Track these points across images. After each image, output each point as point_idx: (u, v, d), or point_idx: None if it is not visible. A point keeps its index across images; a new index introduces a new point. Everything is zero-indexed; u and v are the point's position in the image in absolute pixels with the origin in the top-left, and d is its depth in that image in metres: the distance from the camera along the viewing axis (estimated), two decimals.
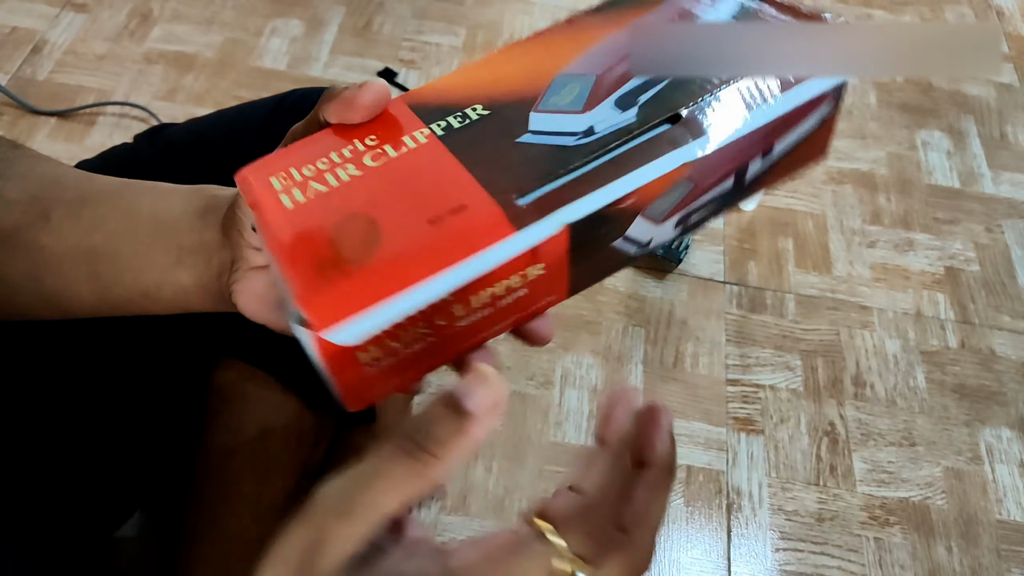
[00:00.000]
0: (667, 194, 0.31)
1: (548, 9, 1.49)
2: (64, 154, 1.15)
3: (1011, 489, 1.00)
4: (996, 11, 1.62)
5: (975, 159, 1.36)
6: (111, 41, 1.32)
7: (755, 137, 0.32)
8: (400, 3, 1.45)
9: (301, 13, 1.41)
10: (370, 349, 0.27)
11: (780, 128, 0.33)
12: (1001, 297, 1.18)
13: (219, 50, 1.33)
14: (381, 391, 0.30)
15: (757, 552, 0.93)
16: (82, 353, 0.55)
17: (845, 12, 1.58)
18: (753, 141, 0.32)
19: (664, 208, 0.31)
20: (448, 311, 0.28)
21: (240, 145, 0.66)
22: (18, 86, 1.23)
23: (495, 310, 0.30)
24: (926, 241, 1.23)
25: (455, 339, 0.30)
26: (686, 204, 0.32)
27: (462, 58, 1.38)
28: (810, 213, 1.25)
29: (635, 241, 0.32)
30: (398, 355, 0.28)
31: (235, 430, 0.63)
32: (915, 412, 1.05)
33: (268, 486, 0.64)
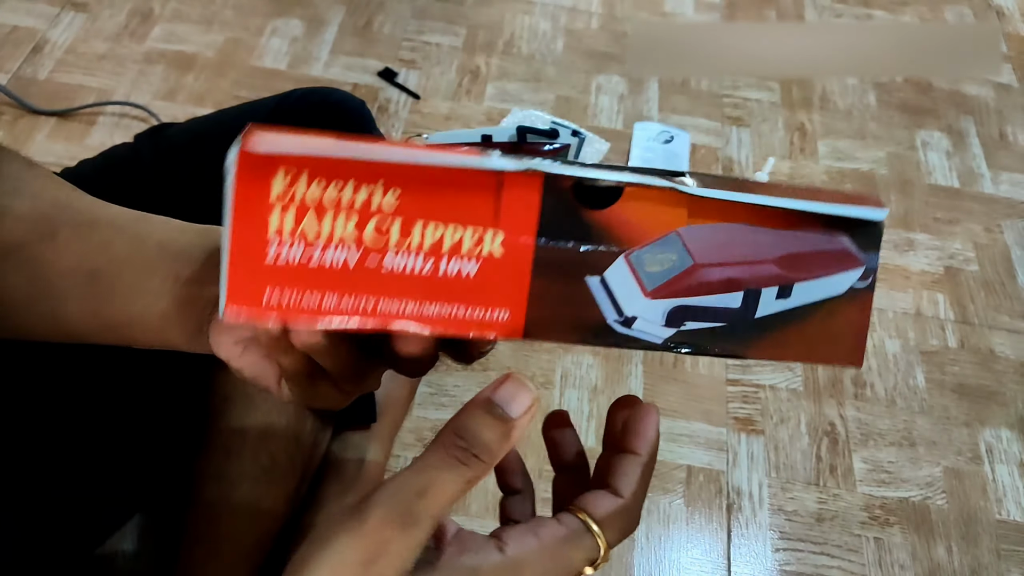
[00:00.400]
0: (658, 248, 0.28)
1: (548, 9, 1.49)
2: (64, 154, 1.15)
3: (1011, 489, 1.00)
4: (996, 11, 1.62)
5: (975, 159, 1.36)
6: (111, 41, 1.32)
7: (768, 242, 0.29)
8: (400, 3, 1.45)
9: (301, 13, 1.41)
10: (286, 216, 0.25)
11: (801, 262, 0.30)
12: (1001, 297, 1.18)
13: (219, 50, 1.33)
14: (273, 301, 0.26)
15: (757, 552, 0.93)
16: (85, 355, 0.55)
17: (845, 12, 1.59)
18: (767, 245, 0.29)
19: (654, 273, 0.29)
20: (384, 226, 0.26)
21: None
22: (18, 86, 1.23)
23: (433, 276, 0.27)
24: (926, 241, 1.24)
25: (377, 286, 0.26)
26: (682, 289, 0.29)
27: (462, 58, 1.38)
28: None
29: (614, 299, 0.28)
30: (310, 254, 0.26)
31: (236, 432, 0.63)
32: (915, 412, 1.05)
33: (269, 487, 0.64)
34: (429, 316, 0.27)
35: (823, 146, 1.34)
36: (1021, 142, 1.39)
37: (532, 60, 1.40)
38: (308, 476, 0.71)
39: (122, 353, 0.57)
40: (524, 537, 0.29)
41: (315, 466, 0.73)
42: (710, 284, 0.29)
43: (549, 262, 0.27)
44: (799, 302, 0.30)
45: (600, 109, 1.34)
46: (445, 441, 0.26)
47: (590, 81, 1.38)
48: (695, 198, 0.28)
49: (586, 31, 1.47)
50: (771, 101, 1.40)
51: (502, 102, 1.32)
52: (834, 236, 0.30)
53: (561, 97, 1.35)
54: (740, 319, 0.30)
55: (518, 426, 0.26)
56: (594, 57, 1.42)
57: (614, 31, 1.47)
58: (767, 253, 0.29)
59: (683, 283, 0.29)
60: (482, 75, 1.36)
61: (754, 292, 0.30)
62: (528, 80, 1.36)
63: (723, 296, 0.29)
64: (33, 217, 0.39)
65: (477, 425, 0.26)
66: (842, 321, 0.31)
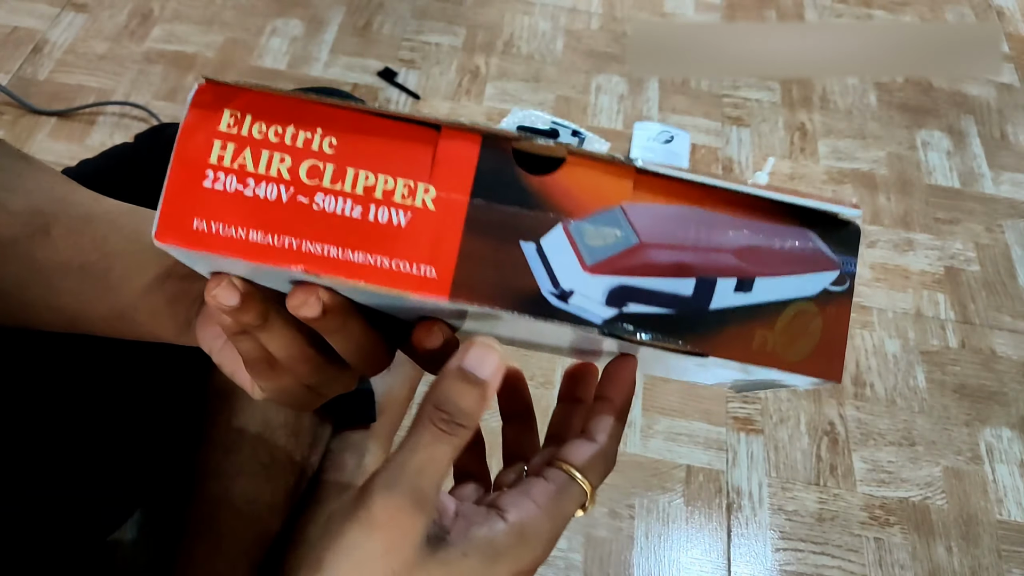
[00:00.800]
0: (600, 221, 0.27)
1: (548, 9, 1.49)
2: (64, 154, 1.15)
3: (1011, 489, 1.00)
4: (996, 11, 1.62)
5: (975, 159, 1.36)
6: (111, 41, 1.32)
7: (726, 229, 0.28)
8: (400, 3, 1.45)
9: (301, 13, 1.41)
10: (226, 148, 0.27)
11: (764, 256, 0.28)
12: (1001, 297, 1.18)
13: (219, 50, 1.33)
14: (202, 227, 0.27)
15: (757, 552, 0.93)
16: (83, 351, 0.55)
17: (845, 12, 1.59)
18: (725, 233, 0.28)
19: (595, 247, 0.27)
20: (318, 168, 0.27)
21: None
22: (19, 86, 1.23)
23: (361, 221, 0.27)
24: (926, 241, 1.23)
25: (304, 227, 0.27)
26: (625, 267, 0.27)
27: (462, 58, 1.38)
28: None
29: (550, 269, 0.27)
30: (244, 185, 0.27)
31: (235, 429, 0.63)
32: (915, 412, 1.05)
33: (267, 485, 0.64)
34: (352, 263, 0.27)
35: (823, 146, 1.34)
36: (1022, 142, 1.39)
37: (532, 60, 1.40)
38: (307, 473, 0.71)
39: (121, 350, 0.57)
40: (520, 501, 0.30)
41: (315, 463, 0.73)
42: (657, 266, 0.28)
43: (482, 222, 0.27)
44: (762, 299, 0.28)
45: (600, 109, 1.34)
46: (429, 416, 0.27)
47: (590, 81, 1.38)
48: (642, 173, 0.27)
49: (586, 31, 1.47)
50: (771, 101, 1.40)
51: (502, 102, 1.32)
52: (804, 233, 0.28)
53: (561, 97, 1.35)
54: (692, 308, 0.28)
55: (491, 386, 0.28)
56: (594, 57, 1.42)
57: (614, 31, 1.48)
58: (725, 241, 0.28)
59: (626, 261, 0.28)
60: (482, 75, 1.36)
61: (708, 280, 0.28)
62: (528, 80, 1.36)
63: (672, 280, 0.28)
64: (27, 212, 0.39)
65: (456, 394, 0.27)
66: (814, 326, 0.29)
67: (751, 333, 0.28)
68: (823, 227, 0.28)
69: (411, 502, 0.27)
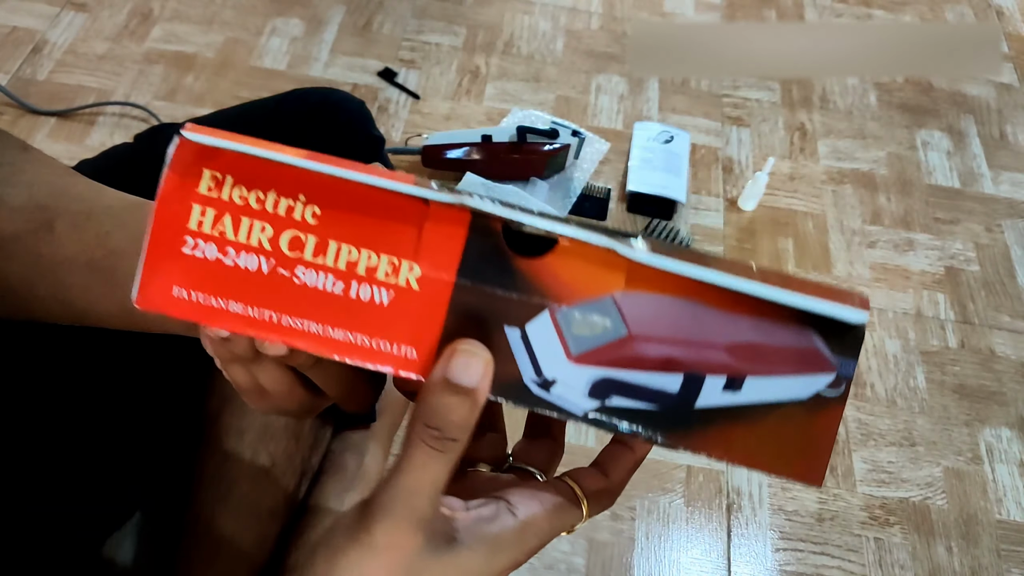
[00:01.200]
0: (590, 310, 0.26)
1: (548, 9, 1.49)
2: (64, 154, 1.15)
3: (1011, 489, 1.00)
4: (996, 11, 1.62)
5: (975, 159, 1.36)
6: (111, 41, 1.32)
7: (720, 325, 0.26)
8: (400, 2, 1.45)
9: (301, 13, 1.41)
10: (206, 213, 0.26)
11: (758, 354, 0.26)
12: (1001, 297, 1.18)
13: (219, 50, 1.33)
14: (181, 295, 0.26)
15: (757, 552, 0.93)
16: (83, 353, 0.55)
17: (845, 12, 1.59)
18: (718, 329, 0.26)
19: (582, 336, 0.26)
20: (300, 239, 0.26)
21: None
22: (18, 86, 1.23)
23: (343, 299, 0.26)
24: (926, 241, 1.23)
25: (284, 300, 0.26)
26: (611, 359, 0.26)
27: (462, 58, 1.38)
28: (810, 213, 1.25)
29: (533, 357, 0.26)
30: (224, 254, 0.26)
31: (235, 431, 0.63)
32: (915, 412, 1.05)
33: (267, 487, 0.64)
34: (332, 340, 0.26)
35: (823, 146, 1.34)
36: (1022, 142, 1.39)
37: (532, 60, 1.40)
38: (308, 476, 0.71)
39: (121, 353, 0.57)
40: (530, 501, 0.31)
41: (315, 466, 0.73)
42: (645, 360, 0.26)
43: (467, 304, 0.26)
44: (750, 399, 0.27)
45: (600, 109, 1.34)
46: (419, 435, 0.26)
47: (590, 81, 1.38)
48: (637, 264, 0.26)
49: (586, 31, 1.47)
50: (771, 101, 1.40)
51: (502, 102, 1.32)
52: (803, 332, 0.26)
53: (561, 97, 1.35)
54: (676, 405, 0.27)
55: (481, 392, 0.26)
56: (594, 57, 1.42)
57: (614, 31, 1.47)
58: (717, 337, 0.26)
59: (613, 353, 0.26)
60: (482, 75, 1.36)
61: (696, 377, 0.26)
62: (528, 80, 1.36)
63: (659, 376, 0.26)
64: (29, 207, 0.39)
65: (443, 408, 0.26)
66: (802, 431, 0.27)
67: (733, 434, 0.27)
68: (824, 326, 0.26)
69: (409, 523, 0.27)
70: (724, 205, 1.24)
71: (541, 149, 1.17)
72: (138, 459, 0.61)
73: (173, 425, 0.63)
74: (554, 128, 1.20)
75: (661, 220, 1.19)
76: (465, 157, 1.17)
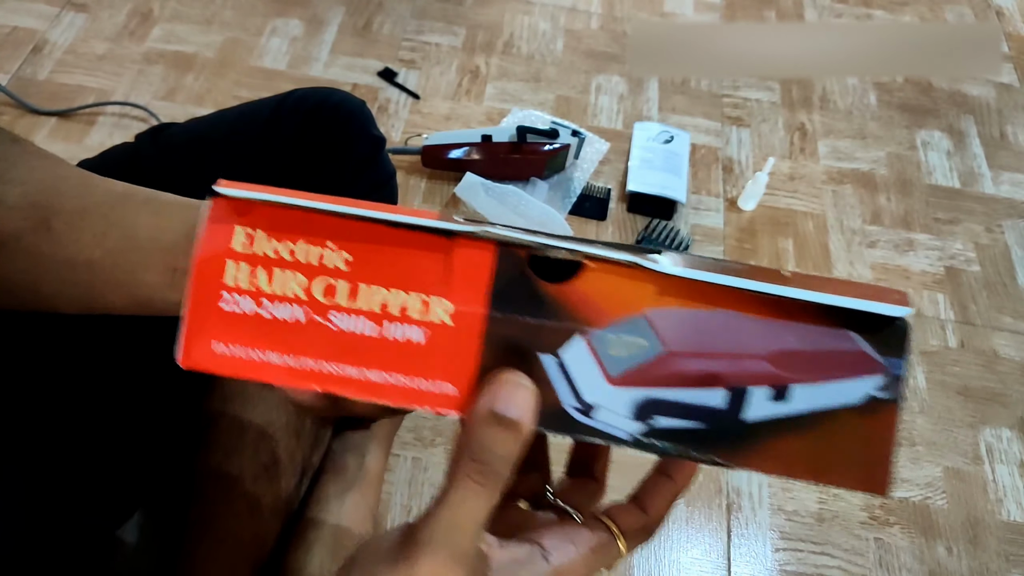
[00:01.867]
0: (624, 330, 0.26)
1: (548, 9, 1.49)
2: (64, 154, 1.14)
3: (1011, 489, 1.00)
4: (996, 11, 1.62)
5: (975, 159, 1.36)
6: (111, 41, 1.32)
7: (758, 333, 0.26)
8: (400, 3, 1.45)
9: (301, 13, 1.41)
10: (239, 269, 0.26)
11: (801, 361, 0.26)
12: (1002, 297, 1.18)
13: (219, 50, 1.33)
14: (222, 351, 0.27)
15: (757, 552, 0.93)
16: (85, 351, 0.55)
17: (845, 12, 1.59)
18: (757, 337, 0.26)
19: (619, 358, 0.26)
20: (331, 282, 0.26)
21: (240, 145, 0.66)
22: (18, 86, 1.23)
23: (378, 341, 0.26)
24: (926, 241, 1.24)
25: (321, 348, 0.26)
26: (651, 378, 0.26)
27: (462, 58, 1.38)
28: (810, 213, 1.25)
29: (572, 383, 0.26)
30: (260, 307, 0.27)
31: (236, 429, 0.63)
32: (915, 412, 1.05)
33: (269, 486, 0.64)
34: (371, 383, 0.26)
35: (823, 146, 1.34)
36: (1022, 142, 1.39)
37: (532, 60, 1.40)
38: (309, 474, 0.71)
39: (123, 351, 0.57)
40: (564, 546, 0.30)
41: (315, 464, 0.73)
42: (685, 376, 0.26)
43: (500, 335, 0.26)
44: (801, 408, 0.26)
45: (600, 109, 1.34)
46: (463, 469, 0.26)
47: (590, 81, 1.38)
48: (667, 277, 0.25)
49: (586, 31, 1.47)
50: (771, 101, 1.40)
51: (502, 102, 1.32)
52: (845, 334, 0.25)
53: (561, 97, 1.35)
54: (725, 421, 0.26)
55: (527, 424, 0.25)
56: (594, 57, 1.42)
57: (614, 31, 1.48)
58: (757, 346, 0.26)
59: (653, 372, 0.26)
60: (482, 75, 1.36)
61: (740, 390, 0.26)
62: (528, 80, 1.36)
63: (702, 391, 0.26)
64: (23, 206, 0.39)
65: (490, 441, 0.25)
66: (858, 437, 0.26)
67: (789, 447, 0.26)
68: (866, 325, 0.25)
69: (452, 558, 0.27)
70: (724, 205, 1.24)
71: (541, 149, 1.17)
72: (139, 457, 0.61)
73: (174, 423, 0.63)
74: (554, 128, 1.20)
75: (661, 220, 1.19)
76: (465, 157, 1.17)
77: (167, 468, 0.64)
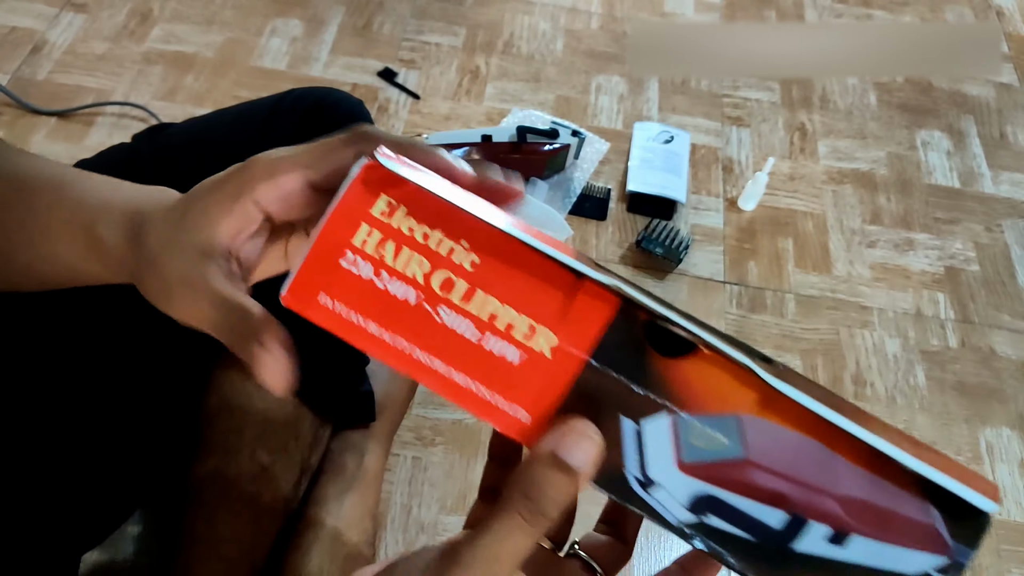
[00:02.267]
0: (713, 424, 0.26)
1: (548, 9, 1.49)
2: (63, 154, 1.15)
3: (1011, 488, 1.00)
4: (996, 11, 1.62)
5: (975, 159, 1.36)
6: (111, 41, 1.32)
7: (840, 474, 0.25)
8: (400, 3, 1.45)
9: (301, 13, 1.41)
10: (372, 234, 0.27)
11: (872, 515, 0.25)
12: (1001, 296, 1.18)
13: (219, 50, 1.33)
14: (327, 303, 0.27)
15: None
16: (84, 353, 0.55)
17: (845, 12, 1.59)
18: (838, 478, 0.25)
19: (697, 448, 0.26)
20: (452, 278, 0.27)
21: (238, 145, 0.66)
22: (18, 86, 1.23)
23: (475, 347, 0.26)
24: (926, 241, 1.23)
25: (420, 334, 0.27)
26: (720, 478, 0.26)
27: (462, 58, 1.38)
28: (810, 213, 1.25)
29: (642, 453, 0.26)
30: (377, 276, 0.27)
31: (234, 430, 0.63)
32: (915, 410, 1.05)
33: (267, 486, 0.64)
34: (452, 383, 0.27)
35: (823, 146, 1.34)
36: (1021, 142, 1.39)
37: (532, 60, 1.40)
38: (307, 474, 0.71)
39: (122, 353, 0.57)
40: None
41: (314, 465, 0.73)
42: (754, 488, 0.26)
43: (591, 385, 0.26)
44: (853, 559, 0.25)
45: (600, 109, 1.34)
46: (513, 503, 0.26)
47: (590, 81, 1.38)
48: (773, 390, 0.25)
49: (586, 31, 1.47)
50: (771, 101, 1.40)
51: (502, 102, 1.32)
52: (925, 506, 0.25)
53: (561, 97, 1.35)
54: (775, 543, 0.26)
55: (586, 475, 0.25)
56: (594, 57, 1.42)
57: (614, 31, 1.47)
58: (833, 485, 0.25)
59: (724, 472, 0.26)
60: (482, 75, 1.36)
61: (801, 520, 0.25)
62: (528, 80, 1.36)
63: (764, 508, 0.26)
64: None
65: (545, 482, 0.25)
66: None
67: None
68: (949, 505, 0.25)
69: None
70: (724, 205, 1.24)
71: (541, 149, 1.17)
72: (137, 458, 0.61)
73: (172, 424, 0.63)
74: (554, 128, 1.20)
75: (661, 220, 1.19)
76: (465, 157, 1.17)
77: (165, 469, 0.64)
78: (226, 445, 0.63)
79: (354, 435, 0.80)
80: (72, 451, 0.55)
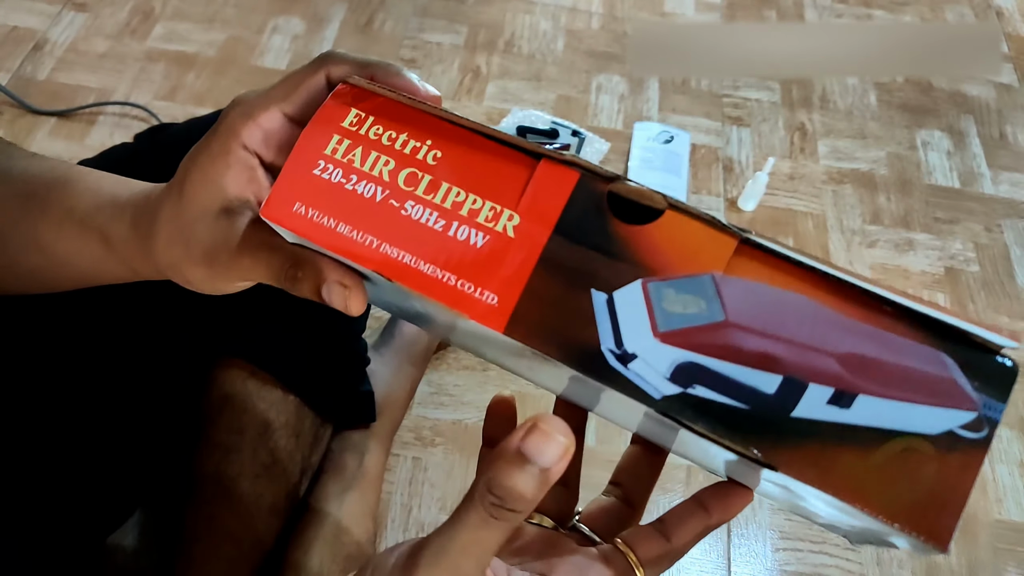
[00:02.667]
0: (685, 286, 0.24)
1: (548, 9, 1.49)
2: (64, 154, 1.15)
3: (1011, 489, 1.00)
4: (996, 11, 1.62)
5: (975, 159, 1.36)
6: (112, 40, 1.32)
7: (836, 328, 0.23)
8: (401, 1, 1.45)
9: (302, 11, 1.41)
10: (341, 144, 0.28)
11: (877, 370, 0.23)
12: (1001, 297, 1.18)
13: (220, 49, 1.33)
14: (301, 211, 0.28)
15: (757, 552, 0.93)
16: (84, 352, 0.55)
17: (845, 12, 1.59)
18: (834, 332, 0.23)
19: (673, 313, 0.24)
20: (415, 172, 0.27)
21: None
22: (18, 85, 1.23)
23: (441, 235, 0.26)
24: (926, 241, 1.24)
25: (388, 228, 0.27)
26: (701, 343, 0.24)
27: (463, 57, 1.38)
28: (810, 213, 1.25)
29: (616, 325, 0.25)
30: (347, 179, 0.28)
31: (235, 429, 0.63)
32: None
33: (268, 485, 0.64)
34: (420, 274, 0.27)
35: (823, 146, 1.34)
36: (1021, 142, 1.39)
37: (533, 59, 1.40)
38: (308, 474, 0.71)
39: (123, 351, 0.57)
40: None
41: (315, 464, 0.73)
42: (740, 351, 0.24)
43: (558, 260, 0.25)
44: (862, 421, 0.23)
45: (600, 109, 1.34)
46: (480, 497, 0.25)
47: (590, 81, 1.38)
48: (747, 245, 0.24)
49: (586, 31, 1.47)
50: (771, 101, 1.40)
51: (503, 101, 1.32)
52: (937, 356, 0.23)
53: (561, 97, 1.35)
54: (770, 410, 0.23)
55: (553, 473, 0.25)
56: (594, 57, 1.42)
57: (614, 31, 1.48)
58: (829, 342, 0.23)
59: (705, 337, 0.24)
60: (483, 74, 1.36)
61: (797, 383, 0.23)
62: (528, 79, 1.36)
63: (754, 372, 0.24)
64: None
65: (509, 478, 0.25)
66: (927, 474, 0.23)
67: (837, 458, 0.23)
68: (966, 354, 0.23)
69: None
70: (724, 205, 1.24)
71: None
72: (139, 457, 0.61)
73: (173, 422, 0.63)
74: (554, 128, 1.20)
75: None
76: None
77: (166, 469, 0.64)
78: (227, 444, 0.63)
79: (355, 435, 0.80)
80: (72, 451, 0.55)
